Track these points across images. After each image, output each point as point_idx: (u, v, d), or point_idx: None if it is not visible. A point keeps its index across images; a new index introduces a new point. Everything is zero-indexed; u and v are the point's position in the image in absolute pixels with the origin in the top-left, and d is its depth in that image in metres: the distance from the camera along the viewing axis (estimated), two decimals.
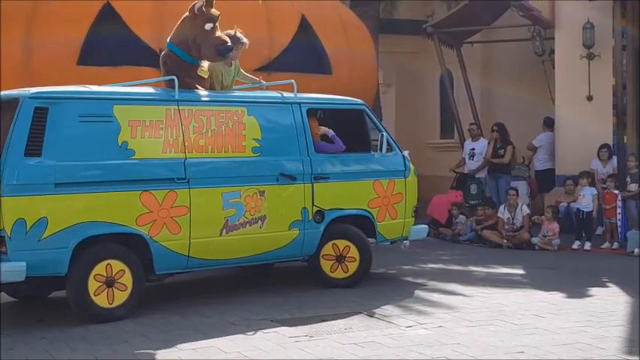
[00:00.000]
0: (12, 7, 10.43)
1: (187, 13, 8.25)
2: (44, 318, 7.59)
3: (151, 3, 10.66)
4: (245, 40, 8.71)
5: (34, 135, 7.05)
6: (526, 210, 12.88)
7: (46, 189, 7.05)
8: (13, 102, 7.19)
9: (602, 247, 12.27)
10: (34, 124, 7.07)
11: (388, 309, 7.78)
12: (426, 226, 10.30)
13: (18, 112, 7.05)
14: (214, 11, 8.21)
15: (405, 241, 9.59)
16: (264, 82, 9.22)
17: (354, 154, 9.12)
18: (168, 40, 8.38)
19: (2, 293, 8.13)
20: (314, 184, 8.62)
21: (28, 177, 6.98)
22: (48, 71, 10.09)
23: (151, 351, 6.33)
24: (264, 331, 6.91)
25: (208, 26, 8.17)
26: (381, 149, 9.13)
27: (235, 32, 8.62)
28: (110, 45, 10.67)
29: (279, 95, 8.81)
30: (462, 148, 15.57)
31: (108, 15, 10.71)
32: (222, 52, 8.25)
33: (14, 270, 6.89)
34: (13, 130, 7.00)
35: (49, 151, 7.10)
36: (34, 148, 7.03)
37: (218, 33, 8.25)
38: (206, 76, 8.40)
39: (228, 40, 8.29)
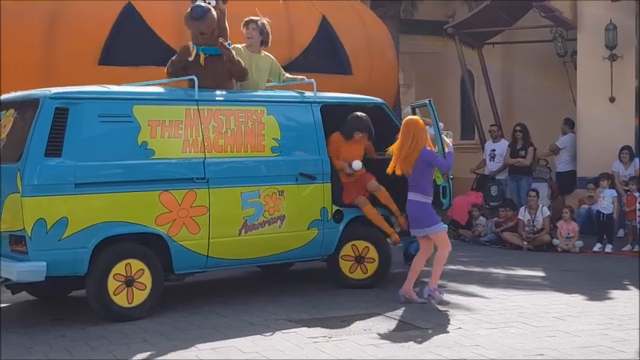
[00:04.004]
0: (34, 6, 10.48)
1: None
2: (64, 316, 7.63)
3: (172, 3, 10.65)
4: (268, 28, 8.68)
5: (55, 135, 7.08)
6: (546, 212, 12.79)
7: (67, 189, 7.08)
8: (34, 102, 7.23)
9: (623, 249, 12.17)
10: (55, 125, 7.09)
11: (407, 310, 7.76)
12: (446, 225, 10.24)
13: (38, 112, 7.09)
14: None
15: None
16: (306, 80, 9.00)
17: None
18: None
19: (22, 292, 8.20)
20: (333, 184, 8.62)
21: (49, 177, 7.01)
22: (69, 71, 10.12)
23: (170, 350, 6.34)
24: (283, 331, 6.91)
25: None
26: None
27: (259, 19, 8.61)
28: (131, 45, 10.69)
29: (299, 94, 8.80)
30: (483, 149, 15.51)
31: (129, 15, 10.73)
32: (194, 10, 8.04)
33: (34, 270, 6.94)
34: (34, 130, 7.03)
35: (70, 151, 7.12)
36: (54, 148, 7.06)
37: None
38: None
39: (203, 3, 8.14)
